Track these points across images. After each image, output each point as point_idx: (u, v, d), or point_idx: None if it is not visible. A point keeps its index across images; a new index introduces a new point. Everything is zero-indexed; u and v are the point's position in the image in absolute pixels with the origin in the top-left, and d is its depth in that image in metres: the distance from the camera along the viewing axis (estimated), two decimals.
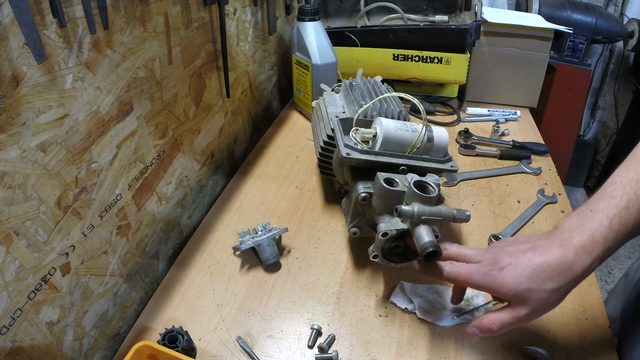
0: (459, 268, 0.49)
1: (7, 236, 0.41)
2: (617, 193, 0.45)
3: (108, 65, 0.51)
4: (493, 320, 0.46)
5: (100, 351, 0.57)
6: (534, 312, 0.45)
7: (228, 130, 0.89)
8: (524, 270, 0.45)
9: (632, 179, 0.45)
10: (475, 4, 1.04)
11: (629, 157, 0.48)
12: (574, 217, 0.47)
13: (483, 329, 0.47)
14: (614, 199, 0.45)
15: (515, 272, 0.45)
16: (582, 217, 0.46)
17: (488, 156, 0.95)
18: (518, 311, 0.45)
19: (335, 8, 1.19)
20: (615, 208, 0.44)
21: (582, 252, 0.44)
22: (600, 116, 2.33)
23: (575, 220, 0.46)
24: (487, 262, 0.48)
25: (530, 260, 0.45)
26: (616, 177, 0.47)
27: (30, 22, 0.38)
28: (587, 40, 1.72)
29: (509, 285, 0.45)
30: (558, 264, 0.44)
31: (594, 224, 0.44)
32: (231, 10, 0.81)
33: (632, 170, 0.46)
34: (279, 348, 0.55)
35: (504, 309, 0.47)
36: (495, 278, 0.46)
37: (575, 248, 0.44)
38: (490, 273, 0.46)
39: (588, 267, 0.44)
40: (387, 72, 1.09)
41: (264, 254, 0.65)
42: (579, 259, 0.44)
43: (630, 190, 0.44)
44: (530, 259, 0.45)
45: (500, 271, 0.46)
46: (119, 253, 0.58)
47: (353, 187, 0.63)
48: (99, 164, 0.52)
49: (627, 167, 0.47)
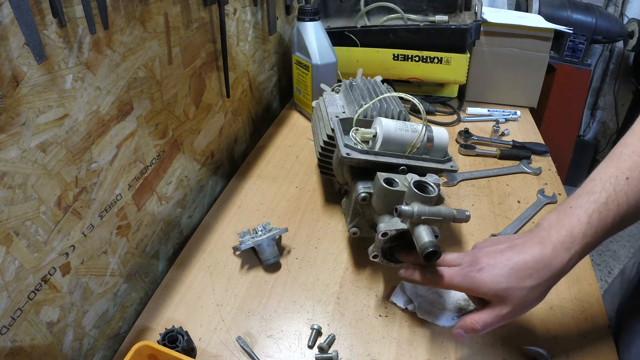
0: (440, 272, 0.50)
1: (7, 236, 0.41)
2: (597, 189, 0.45)
3: (108, 65, 0.51)
4: (476, 320, 0.47)
5: (100, 351, 0.57)
6: (514, 310, 0.46)
7: (228, 130, 0.89)
8: (502, 269, 0.45)
9: (611, 175, 0.45)
10: (475, 4, 1.04)
11: (609, 154, 0.48)
12: (554, 214, 0.47)
13: (467, 329, 0.47)
14: (593, 195, 0.45)
15: (494, 272, 0.46)
16: (562, 214, 0.47)
17: (488, 156, 0.95)
18: (499, 310, 0.46)
19: (335, 8, 1.19)
20: (594, 204, 0.45)
21: (560, 248, 0.45)
22: (600, 116, 2.34)
23: (554, 217, 0.47)
24: (466, 264, 0.49)
25: (509, 260, 0.46)
26: (596, 174, 0.47)
27: (30, 22, 0.38)
28: (587, 40, 1.72)
29: (489, 285, 0.46)
30: (536, 262, 0.45)
31: (573, 220, 0.45)
32: (231, 10, 0.81)
33: (612, 167, 0.46)
34: (279, 348, 0.55)
35: (486, 308, 0.47)
36: (475, 279, 0.47)
37: (553, 245, 0.45)
38: (470, 274, 0.47)
39: (567, 263, 0.45)
40: (387, 72, 1.09)
41: (264, 254, 0.65)
42: (557, 255, 0.44)
43: (610, 187, 0.45)
44: (508, 258, 0.46)
45: (479, 272, 0.47)
46: (119, 253, 0.58)
47: (353, 187, 0.63)
48: (99, 164, 0.52)
49: (607, 164, 0.47)
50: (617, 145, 0.48)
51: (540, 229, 0.47)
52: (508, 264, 0.45)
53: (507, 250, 0.47)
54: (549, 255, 0.45)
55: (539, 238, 0.46)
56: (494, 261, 0.46)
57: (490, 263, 0.46)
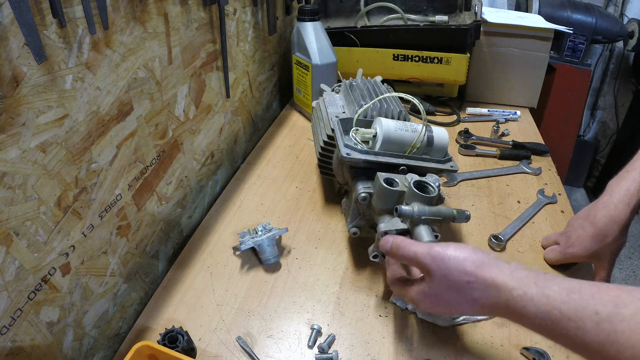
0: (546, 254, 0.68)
1: (7, 236, 0.41)
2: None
3: (108, 65, 0.51)
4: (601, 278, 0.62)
5: (100, 351, 0.57)
6: (611, 259, 0.60)
7: (228, 130, 0.89)
8: (586, 239, 0.61)
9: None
10: (475, 4, 1.04)
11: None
12: (615, 178, 0.61)
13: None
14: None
15: (582, 244, 0.61)
16: (620, 177, 0.60)
17: (488, 156, 0.95)
18: (602, 266, 0.61)
19: (335, 8, 1.19)
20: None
21: (621, 205, 0.57)
22: (600, 116, 2.34)
23: (615, 180, 0.61)
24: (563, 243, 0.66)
25: (587, 231, 0.61)
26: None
27: (30, 23, 0.38)
28: (587, 40, 1.72)
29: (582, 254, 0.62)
30: (605, 224, 0.59)
31: (628, 181, 0.58)
32: (231, 11, 0.81)
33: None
34: (279, 348, 0.55)
35: (598, 270, 0.62)
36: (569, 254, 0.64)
37: (615, 205, 0.58)
38: (566, 251, 0.64)
39: (630, 216, 0.57)
40: (387, 72, 1.09)
41: (264, 254, 0.65)
42: (620, 211, 0.57)
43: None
44: (586, 230, 0.61)
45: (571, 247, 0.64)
46: (119, 253, 0.58)
47: (353, 187, 0.63)
48: (99, 164, 0.52)
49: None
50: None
51: (605, 192, 0.61)
52: (589, 233, 0.60)
53: (588, 226, 0.61)
54: (613, 214, 0.58)
55: (603, 203, 0.60)
56: (578, 235, 0.62)
57: (578, 238, 0.62)
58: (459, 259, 0.43)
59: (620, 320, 0.33)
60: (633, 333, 0.32)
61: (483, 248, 0.71)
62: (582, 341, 0.35)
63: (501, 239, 0.71)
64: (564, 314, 0.36)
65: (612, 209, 0.58)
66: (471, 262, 0.43)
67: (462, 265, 0.43)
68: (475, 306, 0.43)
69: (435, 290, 0.45)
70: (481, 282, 0.42)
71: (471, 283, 0.42)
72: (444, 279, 0.44)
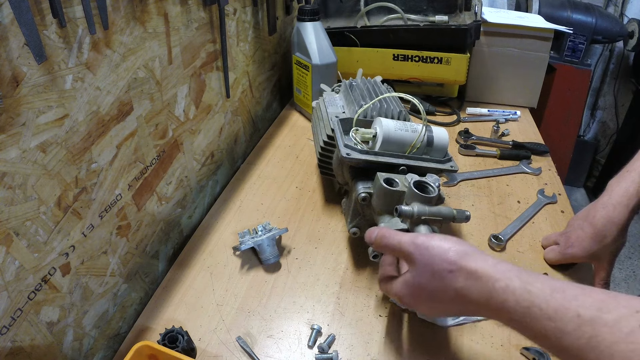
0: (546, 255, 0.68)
1: (7, 236, 0.41)
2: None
3: (108, 65, 0.51)
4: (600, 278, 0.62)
5: (100, 351, 0.57)
6: (610, 260, 0.60)
7: (228, 130, 0.89)
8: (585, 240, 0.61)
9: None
10: (475, 4, 1.04)
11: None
12: (615, 178, 0.61)
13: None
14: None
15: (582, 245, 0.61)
16: (620, 177, 0.60)
17: (488, 156, 0.95)
18: (602, 266, 0.61)
19: (335, 8, 1.19)
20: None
21: (619, 206, 0.57)
22: (600, 116, 2.34)
23: (615, 180, 0.61)
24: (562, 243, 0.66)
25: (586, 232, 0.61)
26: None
27: (30, 22, 0.38)
28: (587, 40, 1.72)
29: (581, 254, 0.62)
30: (604, 225, 0.59)
31: (627, 182, 0.58)
32: (231, 11, 0.81)
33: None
34: (279, 348, 0.55)
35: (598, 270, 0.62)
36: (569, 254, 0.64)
37: (614, 205, 0.58)
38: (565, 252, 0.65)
39: (628, 216, 0.57)
40: (387, 72, 1.09)
41: (264, 254, 0.65)
42: (619, 212, 0.58)
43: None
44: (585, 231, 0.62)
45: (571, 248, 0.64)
46: (119, 253, 0.58)
47: (353, 187, 0.63)
48: (99, 164, 0.52)
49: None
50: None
51: (605, 192, 0.61)
52: (588, 234, 0.60)
53: (587, 226, 0.61)
54: (612, 215, 0.58)
55: (602, 203, 0.60)
56: (577, 236, 0.62)
57: (578, 238, 0.62)
58: (443, 248, 0.43)
59: (602, 325, 0.32)
60: (614, 341, 0.31)
61: (483, 248, 0.71)
62: (560, 343, 0.34)
63: (501, 239, 0.71)
64: (544, 312, 0.35)
65: (611, 210, 0.58)
66: (455, 251, 0.42)
67: (446, 254, 0.42)
68: (457, 298, 0.42)
69: (419, 280, 0.44)
70: (464, 271, 0.41)
71: (454, 272, 0.41)
72: (427, 267, 0.43)
